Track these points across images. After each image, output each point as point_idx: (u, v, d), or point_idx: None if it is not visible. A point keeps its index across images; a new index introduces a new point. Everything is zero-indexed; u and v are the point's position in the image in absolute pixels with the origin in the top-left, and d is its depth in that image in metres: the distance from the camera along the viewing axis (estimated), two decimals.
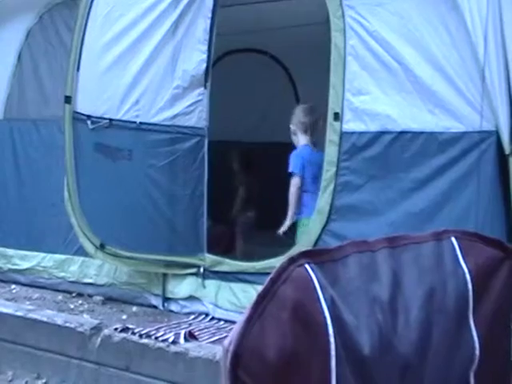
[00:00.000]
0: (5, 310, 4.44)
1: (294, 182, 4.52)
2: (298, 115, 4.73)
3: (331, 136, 4.03)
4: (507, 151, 3.49)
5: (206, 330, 4.09)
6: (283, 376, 1.09)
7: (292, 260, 1.15)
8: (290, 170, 4.56)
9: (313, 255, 1.18)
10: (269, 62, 6.93)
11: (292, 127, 4.73)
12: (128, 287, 4.72)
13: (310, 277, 1.15)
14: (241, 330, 1.09)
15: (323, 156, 4.14)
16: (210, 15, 4.40)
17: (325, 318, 1.13)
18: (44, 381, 4.06)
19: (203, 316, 4.40)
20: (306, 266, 1.16)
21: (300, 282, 1.13)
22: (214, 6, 4.40)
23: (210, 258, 4.50)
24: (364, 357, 1.15)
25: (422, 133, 3.78)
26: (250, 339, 1.08)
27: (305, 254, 1.17)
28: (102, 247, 4.56)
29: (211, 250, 4.57)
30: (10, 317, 4.38)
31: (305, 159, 4.58)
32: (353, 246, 1.28)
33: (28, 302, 4.72)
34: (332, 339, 1.12)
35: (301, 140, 4.66)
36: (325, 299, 1.14)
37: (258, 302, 1.11)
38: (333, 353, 1.12)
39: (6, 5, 5.37)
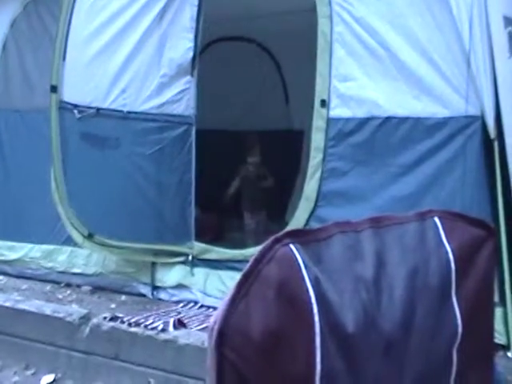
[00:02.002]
0: None
1: None
2: None
3: (318, 122, 4.04)
4: (492, 135, 3.53)
5: (194, 318, 4.11)
6: (269, 353, 1.10)
7: (276, 240, 1.16)
8: None
9: (297, 235, 1.19)
10: (256, 49, 6.93)
11: None
12: (116, 276, 4.74)
13: (295, 256, 1.16)
14: (225, 309, 1.10)
15: None
16: (196, 3, 4.41)
17: (309, 296, 1.14)
18: (33, 371, 4.07)
19: (192, 304, 4.42)
20: (291, 245, 1.16)
21: (284, 261, 1.14)
22: None
23: (198, 246, 4.52)
24: (348, 334, 1.16)
25: (408, 118, 3.80)
26: (235, 318, 1.09)
27: (289, 234, 1.18)
28: (90, 237, 4.56)
29: (199, 237, 4.58)
30: None
31: None
32: (337, 226, 1.29)
33: (16, 293, 4.72)
34: (317, 317, 1.13)
35: None
36: (309, 278, 1.15)
37: (242, 282, 1.12)
38: (317, 330, 1.13)
39: None
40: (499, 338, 3.44)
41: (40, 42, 5.04)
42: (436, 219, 1.38)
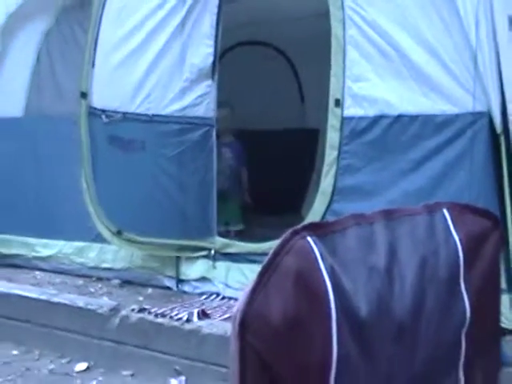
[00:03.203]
0: (30, 295, 4.49)
1: None
2: None
3: (332, 121, 4.04)
4: (499, 130, 3.52)
5: (217, 309, 4.12)
6: (288, 339, 1.12)
7: (294, 232, 1.17)
8: None
9: (314, 228, 1.20)
10: (272, 53, 6.94)
11: None
12: (143, 271, 4.76)
13: (312, 248, 1.16)
14: (247, 299, 1.11)
15: None
16: (215, 11, 4.43)
17: (325, 285, 1.14)
18: (68, 359, 4.11)
19: (214, 295, 4.43)
20: (308, 238, 1.17)
21: (302, 252, 1.15)
22: (220, 1, 4.43)
23: (219, 240, 4.54)
24: (362, 320, 1.17)
25: (418, 116, 3.79)
26: (256, 306, 1.11)
27: (306, 227, 1.19)
28: (118, 234, 4.60)
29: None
30: (34, 301, 4.43)
31: None
32: (351, 219, 1.30)
33: (51, 287, 4.76)
34: (333, 305, 1.14)
35: None
36: (325, 268, 1.15)
37: (262, 273, 1.14)
38: (334, 317, 1.13)
39: (25, 8, 5.36)
40: (507, 324, 3.42)
41: (70, 51, 5.06)
42: (444, 211, 1.39)
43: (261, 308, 1.11)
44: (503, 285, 3.44)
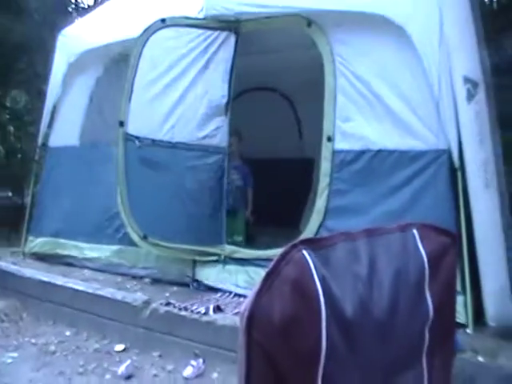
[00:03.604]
0: (79, 288, 4.54)
1: None
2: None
3: (325, 153, 4.06)
4: (456, 165, 3.54)
5: (229, 305, 4.11)
6: (286, 334, 1.11)
7: (293, 246, 1.17)
8: None
9: (309, 243, 1.19)
10: (277, 97, 6.96)
11: None
12: (169, 271, 4.74)
13: (307, 259, 1.16)
14: (253, 300, 1.11)
15: None
16: (231, 61, 4.49)
17: (317, 290, 1.14)
18: (108, 341, 4.13)
19: (227, 294, 4.40)
20: (304, 251, 1.17)
21: (299, 263, 1.15)
22: (234, 53, 4.49)
23: (228, 247, 4.53)
24: (348, 320, 1.16)
25: (394, 151, 3.81)
26: (260, 306, 1.10)
27: (303, 242, 1.19)
28: (144, 238, 4.58)
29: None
30: (83, 293, 4.48)
31: None
32: (340, 236, 1.29)
33: (95, 282, 4.77)
34: (323, 307, 1.13)
35: None
36: (318, 277, 1.15)
37: (266, 279, 1.13)
38: (323, 317, 1.13)
39: (81, 60, 5.47)
40: (460, 319, 3.42)
41: (115, 93, 5.11)
42: (414, 230, 1.38)
43: (264, 308, 1.10)
44: (458, 288, 3.43)
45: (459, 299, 3.42)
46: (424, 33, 3.67)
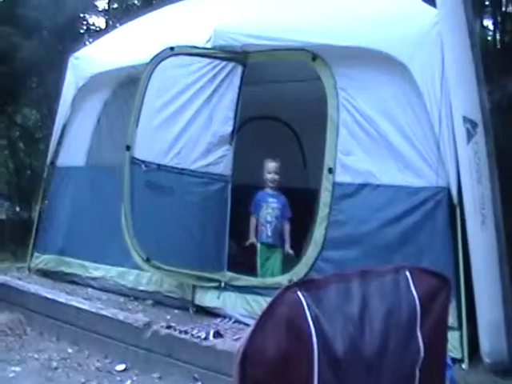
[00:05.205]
0: (82, 307, 4.52)
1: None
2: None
3: (326, 185, 4.06)
4: (455, 202, 3.56)
5: (228, 330, 4.08)
6: (279, 371, 1.14)
7: (288, 288, 1.20)
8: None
9: (303, 285, 1.23)
10: (282, 126, 6.96)
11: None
12: (170, 294, 4.72)
13: (301, 300, 1.19)
14: (248, 338, 1.14)
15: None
16: (237, 90, 4.48)
17: (310, 330, 1.17)
18: (110, 360, 4.11)
19: (227, 319, 4.36)
20: (298, 292, 1.20)
21: (293, 304, 1.18)
22: (240, 84, 4.49)
23: (229, 274, 4.48)
24: (339, 359, 1.19)
25: (393, 186, 3.81)
26: (255, 344, 1.13)
27: (297, 284, 1.22)
28: (147, 260, 4.57)
29: (234, 268, 4.55)
30: (86, 312, 4.45)
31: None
32: (334, 277, 1.32)
33: (99, 302, 4.76)
34: (315, 346, 1.16)
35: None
36: (311, 317, 1.18)
37: (261, 318, 1.16)
38: (315, 356, 1.16)
39: (90, 84, 5.51)
40: (456, 354, 3.41)
41: (123, 116, 5.14)
42: (407, 272, 1.41)
43: (259, 346, 1.13)
44: (454, 323, 3.42)
45: (455, 334, 3.42)
46: (426, 71, 3.71)
